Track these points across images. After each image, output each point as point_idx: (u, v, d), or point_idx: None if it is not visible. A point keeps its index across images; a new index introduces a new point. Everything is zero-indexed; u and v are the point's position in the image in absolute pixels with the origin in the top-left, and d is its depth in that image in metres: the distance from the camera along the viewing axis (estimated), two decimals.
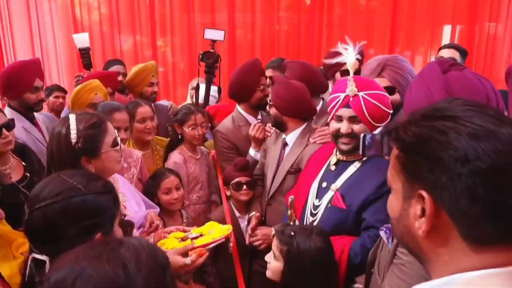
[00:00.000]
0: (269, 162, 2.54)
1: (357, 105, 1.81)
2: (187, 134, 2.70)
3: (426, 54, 5.26)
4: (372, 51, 5.42)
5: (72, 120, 1.60)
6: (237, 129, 2.82)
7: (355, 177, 1.85)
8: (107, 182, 1.30)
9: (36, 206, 1.16)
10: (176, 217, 2.52)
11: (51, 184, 1.21)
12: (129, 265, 0.74)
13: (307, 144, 2.38)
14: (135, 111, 2.69)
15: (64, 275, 0.73)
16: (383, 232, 1.43)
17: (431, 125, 0.72)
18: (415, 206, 0.74)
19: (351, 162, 1.90)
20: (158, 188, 2.42)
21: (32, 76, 2.63)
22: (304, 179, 2.14)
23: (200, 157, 2.81)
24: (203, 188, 2.78)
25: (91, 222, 1.16)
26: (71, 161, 1.56)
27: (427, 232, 0.72)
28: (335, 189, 1.86)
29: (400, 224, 0.79)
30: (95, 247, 0.79)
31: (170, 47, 5.24)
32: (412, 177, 0.74)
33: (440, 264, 0.74)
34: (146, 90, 3.28)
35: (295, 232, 1.63)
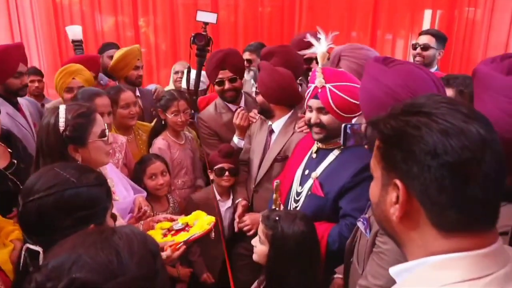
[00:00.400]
0: (254, 149, 2.56)
1: (324, 97, 1.85)
2: (170, 120, 2.72)
3: (407, 38, 5.32)
4: (355, 34, 5.46)
5: (61, 110, 1.64)
6: (219, 116, 2.84)
7: (334, 165, 1.91)
8: (100, 174, 1.32)
9: (30, 198, 1.18)
10: (163, 202, 2.56)
11: (45, 176, 1.22)
12: (122, 253, 0.78)
13: (293, 132, 2.40)
14: (118, 97, 2.68)
15: (62, 261, 0.76)
16: (360, 223, 1.48)
17: (407, 119, 0.78)
18: (391, 194, 0.80)
19: (330, 150, 1.95)
20: (144, 173, 2.45)
21: (16, 61, 2.59)
22: (290, 165, 2.20)
23: (184, 143, 2.83)
24: (188, 173, 2.82)
25: (84, 214, 1.19)
26: (59, 149, 1.59)
27: (400, 217, 0.79)
28: (315, 177, 1.92)
29: (378, 209, 0.86)
30: (90, 235, 0.83)
31: (153, 28, 5.17)
32: (389, 167, 0.81)
33: (413, 247, 0.80)
34: (132, 74, 3.25)
35: (279, 217, 1.69)
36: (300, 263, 1.64)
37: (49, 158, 1.60)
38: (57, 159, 1.58)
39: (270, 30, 5.21)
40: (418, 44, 3.57)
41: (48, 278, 0.74)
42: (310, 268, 1.66)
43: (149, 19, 5.17)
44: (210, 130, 2.83)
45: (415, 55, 3.60)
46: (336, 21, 5.31)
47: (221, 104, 2.85)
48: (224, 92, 2.76)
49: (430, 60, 3.55)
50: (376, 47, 5.33)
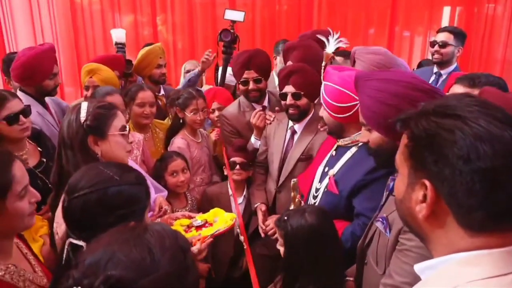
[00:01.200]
0: (273, 150, 2.56)
1: (322, 95, 1.96)
2: (188, 119, 2.74)
3: (425, 35, 5.28)
4: (372, 31, 5.43)
5: (83, 103, 1.70)
6: (242, 114, 2.84)
7: (350, 162, 1.93)
8: (139, 174, 1.34)
9: (75, 195, 1.22)
10: (182, 199, 2.60)
11: (89, 174, 1.26)
12: (154, 250, 0.80)
13: (317, 131, 2.41)
14: (136, 95, 2.73)
15: (97, 258, 0.79)
16: (379, 223, 1.48)
17: (440, 121, 0.78)
18: (418, 192, 0.81)
19: (349, 147, 1.97)
20: (165, 170, 2.49)
21: (51, 64, 2.66)
22: (313, 163, 2.24)
23: (201, 141, 2.87)
24: (205, 170, 2.86)
25: (125, 211, 1.21)
26: (80, 140, 1.63)
27: (427, 216, 0.81)
28: (332, 174, 1.94)
29: (403, 206, 0.87)
30: (123, 232, 0.85)
31: (171, 26, 5.23)
32: (417, 166, 0.81)
33: (439, 245, 0.82)
34: (154, 72, 3.29)
35: (288, 216, 1.69)
36: (314, 257, 1.61)
37: (70, 150, 1.64)
38: (78, 151, 1.63)
39: (288, 28, 5.22)
40: (436, 41, 3.55)
41: (84, 275, 0.76)
42: (327, 263, 1.62)
43: (167, 17, 5.24)
44: (232, 128, 2.85)
45: (433, 52, 3.58)
46: (354, 18, 5.29)
47: (245, 103, 2.85)
48: (248, 92, 2.77)
49: (448, 57, 3.52)
50: (394, 45, 5.31)
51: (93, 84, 2.82)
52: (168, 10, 5.19)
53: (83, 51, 5.12)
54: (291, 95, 2.37)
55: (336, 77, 1.90)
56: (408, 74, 1.50)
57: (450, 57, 3.53)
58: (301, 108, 2.39)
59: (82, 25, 5.10)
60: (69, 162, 1.65)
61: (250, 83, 2.73)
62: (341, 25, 5.28)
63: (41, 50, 2.67)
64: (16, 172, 1.23)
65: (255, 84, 2.73)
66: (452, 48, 3.50)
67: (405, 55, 5.31)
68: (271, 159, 2.59)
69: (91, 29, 5.12)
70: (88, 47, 5.15)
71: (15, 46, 4.68)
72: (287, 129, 2.54)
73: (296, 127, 2.49)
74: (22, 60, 2.56)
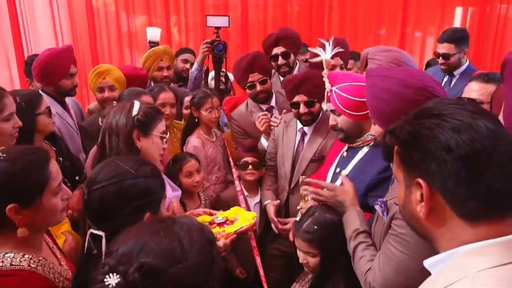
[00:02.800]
0: (283, 152, 2.58)
1: (333, 100, 1.95)
2: (204, 117, 2.78)
3: (437, 35, 5.20)
4: (383, 31, 5.44)
5: (137, 102, 1.86)
6: (249, 114, 2.88)
7: (363, 162, 1.96)
8: (155, 167, 1.42)
9: (94, 188, 1.29)
10: (195, 199, 2.64)
11: (107, 168, 1.34)
12: (183, 240, 0.85)
13: (328, 131, 2.42)
14: (158, 96, 2.79)
15: (130, 248, 0.85)
16: (378, 206, 1.53)
17: (420, 122, 0.86)
18: (415, 193, 0.87)
19: (360, 148, 2.00)
20: (180, 171, 2.53)
21: (68, 64, 2.71)
22: (324, 164, 2.26)
23: (216, 140, 2.91)
24: (220, 169, 2.89)
25: (141, 202, 1.28)
26: (127, 130, 1.76)
27: (427, 213, 0.85)
28: (344, 175, 1.94)
29: (406, 210, 0.92)
30: (153, 224, 0.91)
31: (184, 28, 5.29)
32: (409, 168, 0.88)
33: (444, 241, 0.85)
34: (156, 75, 3.31)
35: (316, 223, 1.69)
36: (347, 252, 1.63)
37: (116, 137, 1.76)
38: (123, 141, 1.75)
39: (299, 29, 5.17)
40: (438, 53, 3.53)
41: (119, 263, 0.82)
42: None
43: (180, 19, 5.30)
44: (240, 129, 2.89)
45: (440, 63, 3.56)
46: (365, 18, 5.29)
47: (252, 103, 2.90)
48: (256, 95, 2.81)
49: (455, 64, 3.50)
50: (405, 45, 5.30)
51: (107, 85, 2.86)
52: (181, 12, 5.25)
53: (100, 53, 5.20)
54: (304, 104, 2.39)
55: (345, 76, 1.96)
56: (407, 72, 1.53)
57: (457, 64, 3.50)
58: (314, 114, 2.44)
59: (98, 27, 5.19)
60: (112, 149, 1.76)
61: (256, 85, 2.77)
62: (352, 25, 5.33)
63: (58, 50, 2.76)
64: (52, 169, 1.29)
65: (262, 85, 2.78)
66: (456, 56, 3.46)
67: (416, 56, 5.31)
68: (281, 161, 2.61)
69: (105, 31, 5.21)
70: (103, 49, 5.23)
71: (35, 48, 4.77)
72: (296, 131, 2.56)
73: (305, 128, 2.51)
74: (41, 59, 2.65)
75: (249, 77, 2.76)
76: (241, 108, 2.97)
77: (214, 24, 3.14)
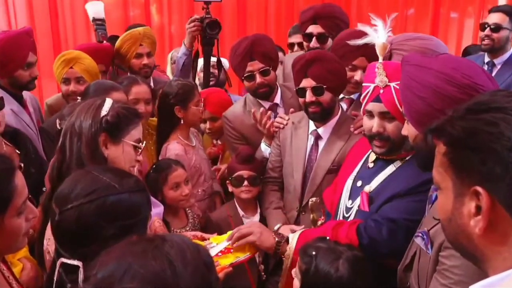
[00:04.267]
0: (292, 161, 2.51)
1: (388, 99, 1.80)
2: (193, 115, 2.72)
3: (478, 16, 5.23)
4: (412, 11, 5.43)
5: (109, 100, 1.81)
6: (247, 114, 2.80)
7: (391, 178, 1.89)
8: (138, 179, 1.43)
9: (69, 206, 1.26)
10: (181, 217, 2.57)
11: (82, 181, 1.31)
12: (175, 262, 0.84)
13: (349, 135, 2.37)
14: (129, 89, 2.70)
15: (111, 271, 0.83)
16: (419, 239, 1.50)
17: (479, 117, 0.84)
18: (468, 204, 0.85)
19: (391, 161, 1.92)
20: (164, 183, 2.45)
21: (25, 51, 2.66)
22: (340, 175, 2.18)
23: (195, 144, 2.84)
24: (206, 179, 2.83)
25: (127, 222, 1.27)
26: (92, 133, 1.71)
27: (485, 229, 0.83)
28: (368, 191, 1.91)
29: (452, 225, 0.91)
30: (139, 243, 0.89)
31: (167, 7, 5.22)
32: (462, 172, 0.86)
33: (499, 261, 0.84)
34: (134, 63, 3.27)
35: (318, 253, 1.67)
36: None
37: (78, 140, 1.72)
38: (86, 146, 1.70)
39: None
40: (487, 24, 3.53)
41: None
42: None
43: None
44: (236, 132, 2.83)
45: (483, 37, 3.56)
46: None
47: (252, 100, 2.83)
48: (256, 89, 2.72)
49: (501, 43, 3.51)
50: (439, 29, 5.27)
51: (74, 76, 2.82)
52: None
53: (62, 37, 5.15)
54: (311, 90, 2.32)
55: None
56: (451, 63, 1.48)
57: (503, 43, 3.51)
58: (323, 105, 2.35)
59: (61, 6, 5.13)
60: (73, 154, 1.72)
61: (256, 76, 2.68)
62: (375, 5, 5.27)
63: (13, 34, 2.70)
64: (18, 182, 1.27)
65: (262, 76, 2.69)
66: (507, 32, 3.48)
67: (452, 41, 5.33)
68: (289, 172, 2.53)
69: (69, 10, 5.13)
70: (67, 32, 5.17)
71: None
72: (308, 134, 2.49)
73: (320, 130, 2.44)
74: None
75: (248, 66, 2.68)
76: (237, 106, 2.91)
77: None
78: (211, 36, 3.14)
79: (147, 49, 3.29)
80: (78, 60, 2.84)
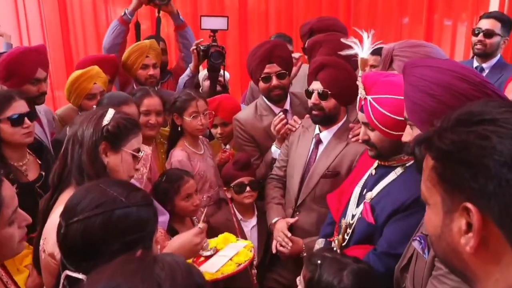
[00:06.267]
0: (295, 162, 2.54)
1: (366, 111, 1.83)
2: (188, 125, 2.72)
3: (471, 23, 5.15)
4: (407, 20, 5.37)
5: (111, 110, 1.82)
6: (258, 118, 2.85)
7: (392, 185, 1.87)
8: (146, 193, 1.39)
9: (75, 219, 1.23)
10: (188, 224, 2.58)
11: (90, 194, 1.27)
12: (163, 285, 0.81)
13: (347, 142, 2.37)
14: (141, 101, 2.71)
15: None
16: (417, 242, 1.47)
17: (470, 130, 0.78)
18: (458, 220, 0.79)
19: (392, 167, 1.90)
20: (176, 194, 2.44)
21: (33, 67, 2.67)
22: (349, 181, 2.18)
23: (204, 152, 2.84)
24: (213, 186, 2.83)
25: (134, 237, 1.24)
26: (93, 141, 1.72)
27: (476, 248, 0.77)
28: (369, 199, 1.90)
29: (442, 242, 0.85)
30: (130, 263, 0.87)
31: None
32: (452, 188, 0.80)
33: (489, 281, 0.78)
34: (140, 73, 3.28)
35: (323, 262, 1.62)
36: None
37: (79, 147, 1.73)
38: (86, 153, 1.71)
39: (307, 14, 5.07)
40: (480, 29, 3.52)
41: None
42: None
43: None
44: (247, 135, 2.85)
45: (475, 42, 3.55)
46: (385, 5, 5.25)
47: (263, 105, 2.87)
48: (270, 90, 2.78)
49: (493, 49, 3.51)
50: (433, 35, 5.24)
51: (99, 91, 2.83)
52: None
53: (74, 50, 5.21)
54: (317, 93, 2.35)
55: (386, 85, 1.83)
56: (459, 63, 1.50)
57: (495, 49, 3.51)
58: (325, 111, 2.37)
59: (72, 20, 5.19)
60: (73, 161, 1.73)
61: (273, 78, 2.74)
62: (371, 13, 5.29)
63: (24, 49, 2.75)
64: (5, 193, 1.23)
65: (279, 79, 2.76)
66: (498, 38, 3.48)
67: (446, 47, 5.20)
68: (290, 173, 2.57)
69: (80, 24, 5.20)
70: (78, 46, 5.23)
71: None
72: (312, 137, 2.51)
73: (322, 135, 2.46)
74: (4, 57, 2.64)
75: (266, 68, 2.74)
76: (249, 110, 2.95)
77: (209, 26, 3.12)
78: (215, 64, 3.15)
79: (153, 60, 3.30)
80: (99, 75, 2.85)
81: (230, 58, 3.53)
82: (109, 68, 3.15)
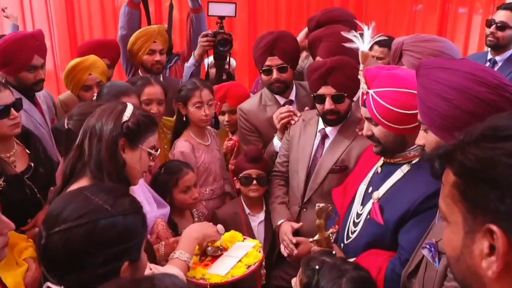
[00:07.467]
0: (299, 158, 2.49)
1: (369, 106, 1.79)
2: (192, 115, 2.66)
3: (486, 12, 5.07)
4: (420, 7, 5.32)
5: (130, 105, 1.80)
6: (262, 108, 2.81)
7: (400, 184, 1.82)
8: (134, 199, 1.32)
9: (56, 229, 1.15)
10: (187, 217, 2.53)
11: (73, 202, 1.20)
12: None
13: (355, 136, 2.34)
14: (142, 90, 2.65)
15: None
16: (426, 250, 1.42)
17: (496, 146, 0.74)
18: (480, 242, 0.74)
19: (399, 165, 1.85)
20: (175, 186, 2.40)
21: (30, 53, 2.62)
22: (352, 178, 2.13)
23: (210, 143, 2.78)
24: (217, 179, 2.78)
25: (120, 248, 1.17)
26: (112, 136, 1.69)
27: (498, 273, 0.73)
28: (376, 198, 1.85)
29: (461, 264, 0.80)
30: (128, 285, 0.83)
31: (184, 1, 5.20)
32: (476, 208, 0.75)
33: None
34: (146, 59, 3.21)
35: (321, 268, 1.56)
36: None
37: (98, 142, 1.69)
38: (106, 148, 1.67)
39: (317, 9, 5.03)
40: (494, 21, 3.47)
41: None
42: None
43: None
44: (250, 125, 2.81)
45: (488, 34, 3.50)
46: None
47: (268, 95, 2.82)
48: (271, 83, 2.72)
49: (505, 41, 3.45)
50: (448, 25, 5.17)
51: (95, 82, 2.78)
52: None
53: (79, 36, 5.16)
54: (331, 98, 2.29)
55: (388, 77, 1.77)
56: (478, 64, 1.44)
57: (507, 42, 3.46)
58: (341, 113, 2.34)
59: (77, 2, 5.16)
60: (92, 156, 1.69)
61: (273, 71, 2.68)
62: (383, 1, 5.21)
63: (17, 36, 2.68)
64: None
65: (279, 73, 2.69)
66: (511, 32, 3.42)
67: (460, 37, 5.14)
68: (294, 168, 2.52)
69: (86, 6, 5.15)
70: (83, 28, 5.19)
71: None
72: (316, 132, 2.46)
73: (328, 130, 2.42)
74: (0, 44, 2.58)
75: (267, 60, 2.68)
76: (253, 100, 2.90)
77: (217, 12, 3.05)
78: (222, 52, 3.10)
79: (160, 46, 3.24)
80: (94, 65, 2.79)
81: (238, 46, 3.38)
82: (110, 52, 3.10)
